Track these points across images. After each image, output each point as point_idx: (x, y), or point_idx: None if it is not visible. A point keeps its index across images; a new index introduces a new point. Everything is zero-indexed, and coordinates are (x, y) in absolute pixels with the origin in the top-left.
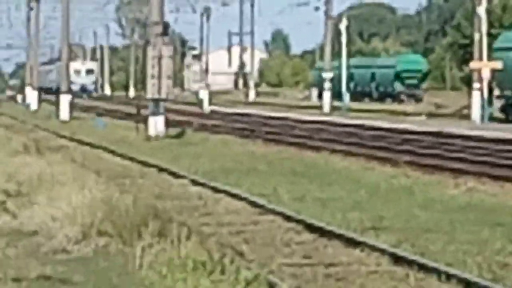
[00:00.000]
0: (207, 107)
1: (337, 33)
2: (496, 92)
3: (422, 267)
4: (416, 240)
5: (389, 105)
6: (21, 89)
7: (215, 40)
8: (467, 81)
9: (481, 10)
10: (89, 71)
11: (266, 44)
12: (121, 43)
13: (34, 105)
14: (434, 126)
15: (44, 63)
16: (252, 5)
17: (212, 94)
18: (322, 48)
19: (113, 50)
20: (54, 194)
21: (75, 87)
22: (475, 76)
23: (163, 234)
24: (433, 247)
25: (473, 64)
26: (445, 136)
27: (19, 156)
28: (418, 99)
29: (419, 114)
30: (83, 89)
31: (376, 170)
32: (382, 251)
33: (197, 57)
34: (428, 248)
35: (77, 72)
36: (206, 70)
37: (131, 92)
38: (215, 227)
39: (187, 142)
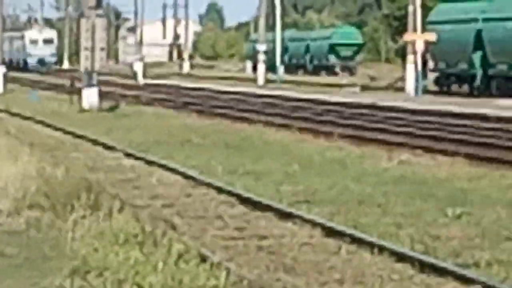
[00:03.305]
0: (141, 80)
1: (272, 5)
2: (430, 64)
3: (354, 240)
4: (349, 213)
5: (323, 78)
6: None
7: (150, 13)
8: (402, 54)
9: None
10: (48, 41)
11: (201, 17)
12: (56, 15)
13: None
14: (367, 98)
15: None
16: None
17: (146, 66)
18: (256, 21)
19: (48, 22)
20: None
21: (31, 60)
22: (409, 48)
23: (96, 207)
24: (366, 219)
25: (407, 36)
26: (379, 109)
27: None
28: (352, 72)
29: (353, 86)
30: (42, 61)
31: (309, 142)
32: (315, 224)
33: (132, 30)
34: (361, 221)
35: (34, 42)
36: (141, 42)
37: (66, 65)
38: (148, 200)
39: (121, 114)
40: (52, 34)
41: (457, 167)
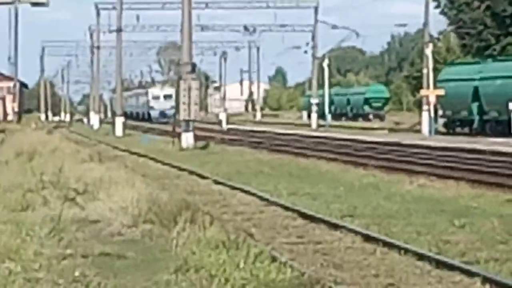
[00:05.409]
0: (225, 126)
1: (321, 69)
2: (440, 112)
3: (386, 244)
4: (382, 224)
5: (360, 123)
6: (86, 114)
7: (231, 75)
8: (419, 104)
9: (428, 51)
10: (168, 96)
11: (270, 78)
12: (161, 78)
13: (96, 125)
14: (394, 138)
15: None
16: (258, 50)
17: (228, 116)
18: (310, 81)
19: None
20: (112, 192)
21: (154, 113)
22: (424, 100)
23: (193, 221)
24: (394, 228)
25: (423, 92)
26: (402, 146)
27: (86, 164)
28: (381, 118)
29: (382, 129)
30: (163, 114)
31: (351, 171)
32: (356, 232)
33: (217, 89)
34: (391, 230)
35: (156, 97)
36: (224, 98)
37: None
38: (232, 215)
39: (210, 152)
40: (171, 91)
41: (462, 189)
